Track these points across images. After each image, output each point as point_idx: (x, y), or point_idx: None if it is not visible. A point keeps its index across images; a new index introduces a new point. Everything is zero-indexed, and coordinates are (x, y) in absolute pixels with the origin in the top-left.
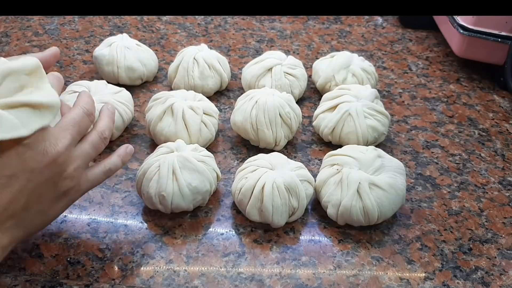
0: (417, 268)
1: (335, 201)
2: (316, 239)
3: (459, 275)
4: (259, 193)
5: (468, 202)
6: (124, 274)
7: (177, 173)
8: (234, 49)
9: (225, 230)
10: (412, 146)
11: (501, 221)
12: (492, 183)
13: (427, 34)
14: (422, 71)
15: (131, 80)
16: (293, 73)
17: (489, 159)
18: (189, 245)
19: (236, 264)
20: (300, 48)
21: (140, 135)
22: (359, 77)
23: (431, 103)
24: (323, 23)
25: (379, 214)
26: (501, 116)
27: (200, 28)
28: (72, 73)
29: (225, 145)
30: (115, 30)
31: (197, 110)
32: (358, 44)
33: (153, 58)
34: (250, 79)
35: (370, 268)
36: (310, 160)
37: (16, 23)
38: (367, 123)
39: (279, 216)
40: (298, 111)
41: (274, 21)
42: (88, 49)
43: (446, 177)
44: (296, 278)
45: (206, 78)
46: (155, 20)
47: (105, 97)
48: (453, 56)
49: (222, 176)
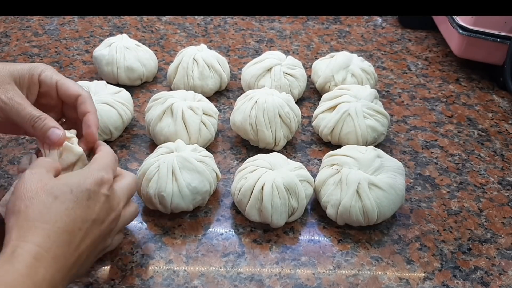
0: (417, 268)
1: (334, 201)
2: (315, 239)
3: (458, 275)
4: (258, 193)
5: (467, 202)
6: (124, 274)
7: (177, 173)
8: (234, 49)
9: (225, 230)
10: (412, 146)
11: (500, 221)
12: (491, 183)
13: (427, 34)
14: (422, 71)
15: (131, 80)
16: (293, 73)
17: (488, 159)
18: (188, 245)
19: (235, 264)
20: (300, 48)
21: (140, 135)
22: (359, 77)
23: (431, 103)
24: (323, 23)
25: (378, 214)
26: (500, 116)
27: (200, 28)
28: (71, 73)
29: (225, 145)
30: (114, 30)
31: (196, 110)
32: (357, 44)
33: (152, 59)
34: (249, 79)
35: (370, 268)
36: (310, 160)
37: (16, 23)
38: (367, 123)
39: (278, 216)
40: (297, 111)
41: (274, 21)
42: (87, 49)
43: (445, 177)
44: (295, 278)
45: (205, 78)
46: (155, 21)
47: (104, 97)
48: (452, 56)
49: (222, 176)
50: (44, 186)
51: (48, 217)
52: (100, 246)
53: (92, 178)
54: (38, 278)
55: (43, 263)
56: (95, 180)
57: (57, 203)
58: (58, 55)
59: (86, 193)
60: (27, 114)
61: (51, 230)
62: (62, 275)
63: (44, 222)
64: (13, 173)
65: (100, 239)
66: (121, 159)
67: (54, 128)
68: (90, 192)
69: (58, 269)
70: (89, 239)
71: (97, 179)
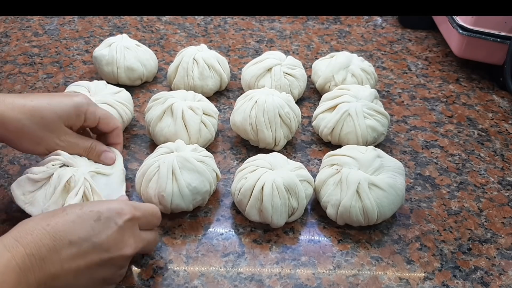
0: (417, 268)
1: (334, 201)
2: (315, 239)
3: (458, 275)
4: (258, 193)
5: (467, 202)
6: (124, 274)
7: (177, 173)
8: (234, 49)
9: (225, 230)
10: (412, 146)
11: (500, 221)
12: (491, 183)
13: (427, 34)
14: (422, 71)
15: (131, 81)
16: (293, 73)
17: (488, 159)
18: (188, 245)
19: (235, 264)
20: (300, 48)
21: (140, 135)
22: (359, 77)
23: (431, 103)
24: (323, 23)
25: (378, 214)
26: (500, 116)
27: (200, 28)
28: (72, 73)
29: (225, 145)
30: (114, 31)
31: (196, 110)
32: (357, 44)
33: (152, 59)
34: (249, 79)
35: (370, 268)
36: (310, 160)
37: (16, 23)
38: (367, 123)
39: (278, 216)
40: (297, 111)
41: (274, 21)
42: (88, 49)
43: (445, 177)
44: (295, 278)
45: (205, 78)
46: (155, 21)
47: (104, 97)
48: (452, 56)
49: (222, 176)
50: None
51: (43, 221)
52: (99, 276)
53: (111, 205)
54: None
55: (13, 253)
56: (112, 207)
57: (62, 214)
58: (58, 55)
59: (96, 215)
60: (81, 149)
61: (37, 229)
62: (37, 279)
63: (36, 223)
64: (13, 173)
65: (100, 269)
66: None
67: (106, 152)
68: (101, 215)
69: (32, 269)
70: (83, 260)
71: (115, 208)
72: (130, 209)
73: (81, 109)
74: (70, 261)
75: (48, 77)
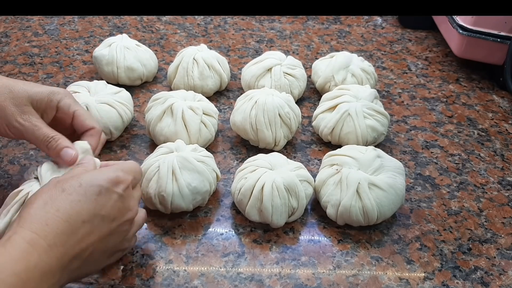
0: (417, 268)
1: (334, 201)
2: (315, 239)
3: (458, 275)
4: (258, 193)
5: (467, 202)
6: (124, 274)
7: (177, 173)
8: (234, 49)
9: (225, 230)
10: (412, 146)
11: (500, 221)
12: (491, 183)
13: (427, 34)
14: (422, 71)
15: (131, 80)
16: (293, 73)
17: (488, 159)
18: (188, 245)
19: (235, 264)
20: (300, 48)
21: (140, 135)
22: (359, 77)
23: (431, 103)
24: (323, 23)
25: (378, 214)
26: (500, 116)
27: (200, 28)
28: (72, 73)
29: (225, 145)
30: (114, 31)
31: (196, 110)
32: (357, 44)
33: (152, 58)
34: (249, 79)
35: (370, 268)
36: (310, 160)
37: (16, 23)
38: (367, 123)
39: (278, 216)
40: (297, 111)
41: (274, 21)
42: (87, 49)
43: (445, 177)
44: (295, 278)
45: (205, 78)
46: (155, 21)
47: (104, 97)
48: (452, 56)
49: (222, 176)
50: (57, 181)
51: (50, 207)
52: (110, 245)
53: (106, 175)
54: (31, 263)
55: (37, 249)
56: (109, 177)
57: (63, 195)
58: (58, 55)
59: (97, 189)
60: (41, 134)
61: (51, 218)
62: (60, 265)
63: (45, 211)
64: (13, 173)
65: (110, 238)
66: (121, 159)
67: (67, 148)
68: (102, 188)
69: (55, 257)
70: (95, 235)
71: (111, 177)
72: (123, 175)
73: (55, 96)
74: (86, 239)
75: (48, 77)
